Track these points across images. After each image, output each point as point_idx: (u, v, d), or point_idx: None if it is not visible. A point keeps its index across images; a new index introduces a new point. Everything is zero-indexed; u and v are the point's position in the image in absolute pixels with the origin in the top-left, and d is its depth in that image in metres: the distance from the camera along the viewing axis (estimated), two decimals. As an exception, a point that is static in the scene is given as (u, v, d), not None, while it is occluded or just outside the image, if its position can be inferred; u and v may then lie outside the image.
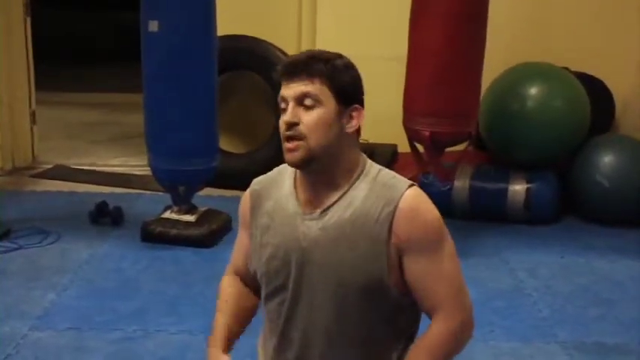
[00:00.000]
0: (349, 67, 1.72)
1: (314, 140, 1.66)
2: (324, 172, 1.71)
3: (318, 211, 1.72)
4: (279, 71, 1.70)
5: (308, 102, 1.66)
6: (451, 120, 4.37)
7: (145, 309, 3.65)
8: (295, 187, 1.77)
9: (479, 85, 4.56)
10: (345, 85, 1.70)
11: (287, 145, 1.67)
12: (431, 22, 4.30)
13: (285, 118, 1.66)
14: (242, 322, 1.92)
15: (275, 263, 1.75)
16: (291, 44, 5.63)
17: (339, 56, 1.73)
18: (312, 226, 1.72)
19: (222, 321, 1.89)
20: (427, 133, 4.38)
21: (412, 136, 4.58)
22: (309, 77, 1.66)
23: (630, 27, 5.52)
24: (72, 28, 11.23)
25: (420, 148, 4.67)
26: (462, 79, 4.37)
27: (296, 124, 1.66)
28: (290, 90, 1.67)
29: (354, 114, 1.72)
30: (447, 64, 4.29)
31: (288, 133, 1.66)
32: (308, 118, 1.66)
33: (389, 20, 5.44)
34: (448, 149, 4.62)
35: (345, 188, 1.72)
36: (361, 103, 1.74)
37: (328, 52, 1.73)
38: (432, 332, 1.72)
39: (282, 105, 1.69)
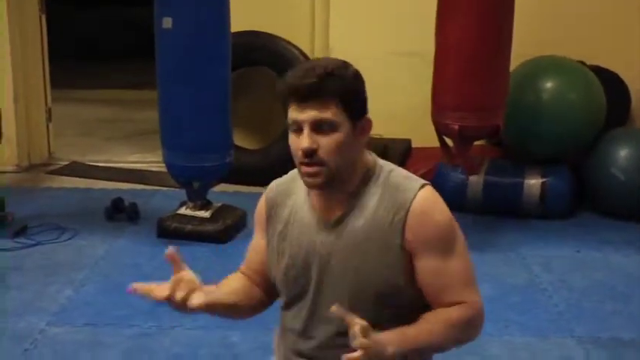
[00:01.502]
0: (357, 79, 1.68)
1: (333, 163, 1.65)
2: (339, 185, 1.70)
3: (333, 219, 1.72)
4: (286, 92, 1.64)
5: (325, 126, 1.63)
6: (480, 113, 4.35)
7: (161, 305, 3.65)
8: (309, 194, 1.77)
9: (507, 78, 4.53)
10: (357, 102, 1.68)
11: (306, 169, 1.65)
12: (459, 15, 4.27)
13: (302, 145, 1.62)
14: (237, 300, 1.84)
15: (293, 272, 1.76)
16: (304, 39, 5.64)
17: (345, 66, 1.67)
18: (327, 235, 1.72)
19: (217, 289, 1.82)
20: (456, 127, 4.37)
21: (441, 130, 4.56)
22: (324, 102, 1.62)
23: (646, 20, 5.48)
24: (85, 26, 11.27)
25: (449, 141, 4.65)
26: (490, 73, 4.35)
27: (315, 150, 1.63)
28: (304, 115, 1.62)
29: (366, 125, 1.71)
30: (475, 58, 4.27)
31: (307, 160, 1.63)
32: (326, 143, 1.63)
33: (402, 15, 5.44)
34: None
35: (358, 194, 1.72)
36: (367, 110, 1.71)
37: (334, 64, 1.66)
38: (448, 309, 1.69)
39: (293, 127, 1.65)
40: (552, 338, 3.42)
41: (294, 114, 1.64)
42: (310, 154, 1.63)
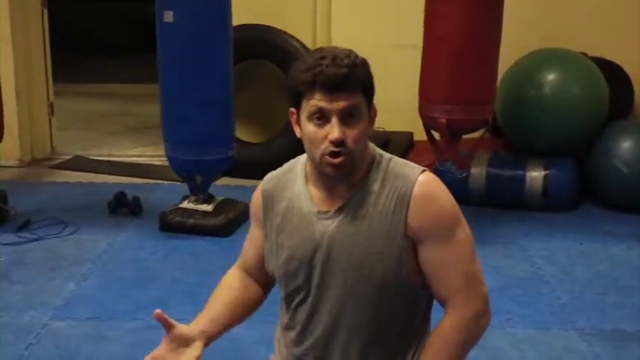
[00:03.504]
0: (369, 66, 1.69)
1: (357, 153, 1.65)
2: (348, 173, 1.69)
3: (333, 209, 1.71)
4: (311, 81, 1.61)
5: (353, 115, 1.63)
6: (468, 107, 4.34)
7: (164, 298, 3.68)
8: (307, 185, 1.76)
9: (495, 72, 4.52)
10: (372, 91, 1.69)
11: (332, 160, 1.63)
12: (447, 8, 4.26)
13: (333, 135, 1.61)
14: (236, 313, 1.86)
15: (293, 264, 1.75)
16: (306, 33, 5.63)
17: (357, 55, 1.67)
18: (328, 225, 1.71)
19: (213, 305, 1.83)
20: (443, 121, 4.35)
21: (428, 124, 4.55)
22: (352, 92, 1.62)
23: (649, 11, 5.46)
24: (87, 20, 11.26)
25: (437, 135, 4.65)
26: (478, 66, 4.34)
27: (344, 140, 1.63)
28: (334, 104, 1.61)
29: (374, 114, 1.72)
30: (463, 51, 4.25)
31: (337, 150, 1.62)
32: (352, 133, 1.63)
33: (403, 7, 5.42)
34: (465, 136, 4.60)
35: (360, 183, 1.71)
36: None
37: (351, 53, 1.66)
38: (445, 324, 1.71)
39: (317, 116, 1.63)
40: (555, 330, 3.42)
41: (320, 103, 1.62)
42: (341, 144, 1.62)
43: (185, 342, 1.72)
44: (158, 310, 1.68)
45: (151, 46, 4.54)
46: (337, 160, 1.63)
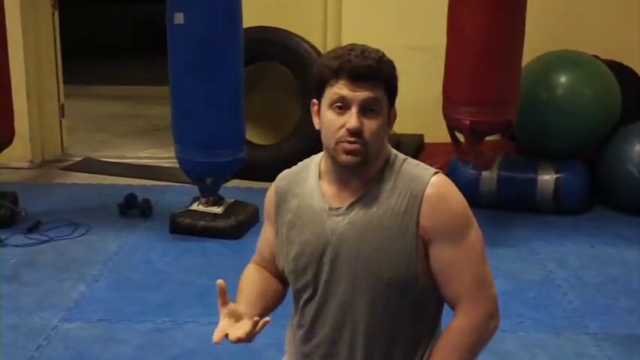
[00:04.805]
0: (395, 68, 1.71)
1: (372, 147, 1.67)
2: (364, 169, 1.70)
3: (345, 205, 1.71)
4: (338, 68, 1.64)
5: (373, 108, 1.65)
6: (491, 109, 4.33)
7: (174, 300, 3.68)
8: (320, 182, 1.76)
9: (519, 74, 4.50)
10: (395, 91, 1.71)
11: (346, 146, 1.65)
12: (471, 10, 4.26)
13: (351, 124, 1.63)
14: (266, 302, 1.86)
15: (303, 260, 1.75)
16: (316, 35, 5.63)
17: (384, 54, 1.69)
18: (339, 222, 1.71)
19: (246, 291, 1.84)
20: (467, 122, 4.35)
21: (452, 125, 4.54)
22: (376, 85, 1.65)
23: (661, 13, 5.43)
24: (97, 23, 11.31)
25: (460, 137, 4.63)
26: (502, 68, 4.33)
27: (362, 131, 1.64)
28: (356, 93, 1.63)
29: (394, 116, 1.74)
30: (487, 53, 4.25)
31: (352, 139, 1.64)
32: (371, 126, 1.65)
33: (414, 10, 5.42)
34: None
35: (372, 181, 1.72)
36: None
37: (380, 52, 1.69)
38: (454, 327, 1.71)
39: (338, 104, 1.65)
40: (567, 335, 3.40)
41: (343, 91, 1.64)
42: (357, 134, 1.64)
43: (238, 318, 1.72)
44: (220, 281, 1.68)
45: (162, 48, 4.54)
46: (352, 146, 1.65)
